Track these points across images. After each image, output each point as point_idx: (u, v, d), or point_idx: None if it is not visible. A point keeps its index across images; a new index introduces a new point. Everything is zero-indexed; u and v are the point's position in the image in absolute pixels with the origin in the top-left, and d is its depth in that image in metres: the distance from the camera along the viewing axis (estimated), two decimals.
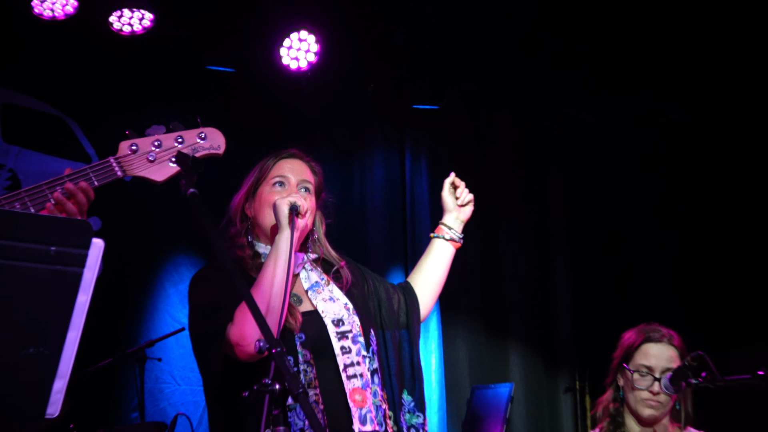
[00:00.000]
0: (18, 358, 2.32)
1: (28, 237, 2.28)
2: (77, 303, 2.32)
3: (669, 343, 3.84)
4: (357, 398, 3.33)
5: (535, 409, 7.17)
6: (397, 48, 6.86)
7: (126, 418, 5.73)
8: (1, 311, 2.27)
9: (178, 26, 6.24)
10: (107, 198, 6.09)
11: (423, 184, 7.21)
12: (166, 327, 6.05)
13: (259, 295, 3.15)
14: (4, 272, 2.24)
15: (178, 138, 2.86)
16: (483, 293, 7.29)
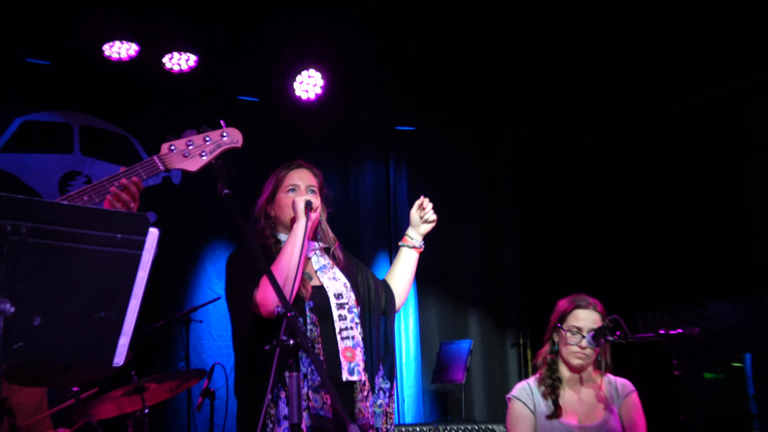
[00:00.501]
0: (92, 320, 2.31)
1: (100, 227, 2.26)
2: (137, 278, 2.30)
3: (594, 309, 3.85)
4: (348, 354, 3.35)
5: (488, 359, 7.18)
6: (384, 83, 6.84)
7: (175, 366, 5.73)
8: (80, 284, 2.25)
9: (215, 65, 6.21)
10: (162, 198, 6.10)
11: (403, 188, 7.22)
12: (205, 296, 6.05)
13: (279, 267, 3.21)
14: (81, 254, 2.21)
15: (206, 137, 2.88)
16: (448, 271, 7.32)
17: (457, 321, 7.19)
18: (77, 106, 6.15)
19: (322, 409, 3.26)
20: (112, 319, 2.26)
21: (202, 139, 2.87)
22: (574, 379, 3.88)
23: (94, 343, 2.26)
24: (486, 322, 7.24)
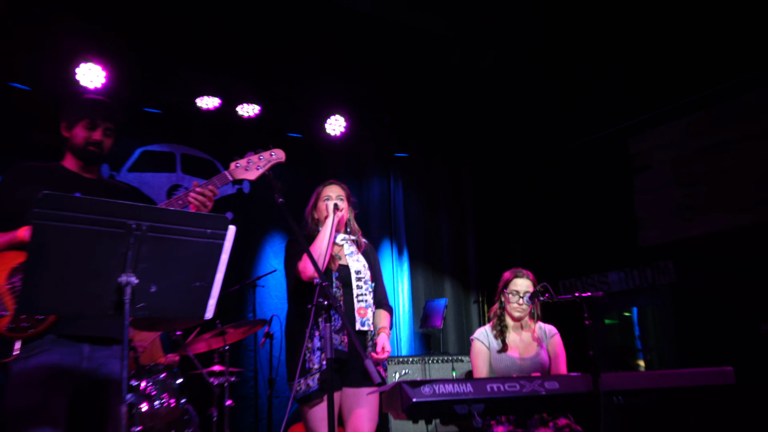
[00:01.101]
0: (191, 288, 2.32)
1: (196, 225, 2.25)
2: (221, 260, 2.30)
3: (527, 278, 3.88)
4: (361, 312, 3.39)
5: (458, 312, 7.15)
6: (386, 124, 6.85)
7: (246, 316, 5.73)
8: (183, 263, 2.25)
9: (273, 112, 6.20)
10: (238, 202, 6.11)
11: (399, 197, 7.19)
12: (265, 269, 6.02)
13: (315, 247, 3.27)
14: (184, 243, 2.22)
15: (260, 156, 2.90)
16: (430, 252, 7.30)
17: (437, 286, 7.17)
18: (178, 140, 6.15)
19: (340, 345, 3.26)
20: (204, 287, 2.27)
21: (257, 157, 2.89)
22: (516, 326, 3.91)
23: (192, 303, 2.27)
24: (456, 287, 7.22)
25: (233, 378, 4.38)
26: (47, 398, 2.44)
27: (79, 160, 2.80)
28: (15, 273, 2.47)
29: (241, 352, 5.83)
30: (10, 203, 2.63)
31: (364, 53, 5.80)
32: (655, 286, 6.20)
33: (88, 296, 2.09)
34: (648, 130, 6.35)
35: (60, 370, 2.50)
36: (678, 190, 6.05)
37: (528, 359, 3.80)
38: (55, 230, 2.00)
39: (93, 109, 2.79)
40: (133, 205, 2.12)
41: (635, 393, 2.98)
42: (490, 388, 2.87)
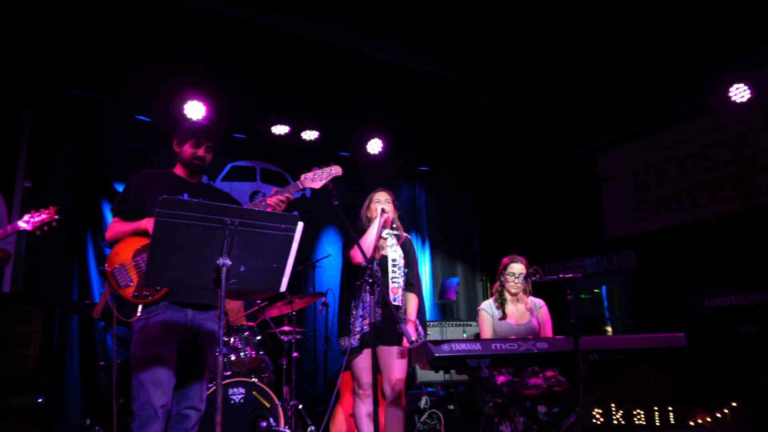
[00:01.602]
0: (270, 268, 2.30)
1: (274, 221, 2.24)
2: (292, 247, 2.29)
3: (521, 263, 3.81)
4: (393, 290, 3.32)
5: (466, 288, 7.10)
6: (412, 145, 6.80)
7: (308, 289, 5.74)
8: (264, 249, 2.23)
9: (329, 138, 6.20)
10: (302, 204, 6.12)
11: (422, 200, 7.16)
12: (321, 254, 6.04)
13: (364, 240, 3.24)
14: (265, 235, 2.21)
15: (323, 170, 2.87)
16: (446, 242, 7.23)
17: (451, 267, 7.12)
18: (258, 157, 6.17)
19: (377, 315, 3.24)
20: (280, 268, 2.26)
21: (321, 171, 2.86)
22: (513, 299, 3.83)
23: (271, 280, 2.26)
24: (465, 268, 7.16)
25: (298, 336, 4.37)
26: (161, 349, 2.46)
27: (186, 169, 2.81)
28: (138, 253, 2.48)
29: (304, 317, 5.85)
30: (134, 200, 2.66)
31: (394, 92, 5.77)
32: (620, 269, 6.10)
33: (195, 274, 2.11)
34: (613, 149, 6.32)
35: (170, 328, 2.52)
36: (635, 195, 6.06)
37: (522, 325, 3.74)
38: (172, 224, 2.02)
39: (198, 131, 2.80)
40: (229, 206, 2.14)
41: (608, 352, 2.91)
42: (494, 346, 2.82)
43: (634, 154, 6.08)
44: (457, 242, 7.24)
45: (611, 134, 6.25)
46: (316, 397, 5.60)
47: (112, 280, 2.44)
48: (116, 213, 2.67)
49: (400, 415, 3.22)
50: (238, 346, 3.90)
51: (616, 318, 6.65)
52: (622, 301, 6.48)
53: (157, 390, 2.39)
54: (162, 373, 2.42)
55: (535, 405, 3.21)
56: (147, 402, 2.37)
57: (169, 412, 2.53)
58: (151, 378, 2.40)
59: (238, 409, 3.52)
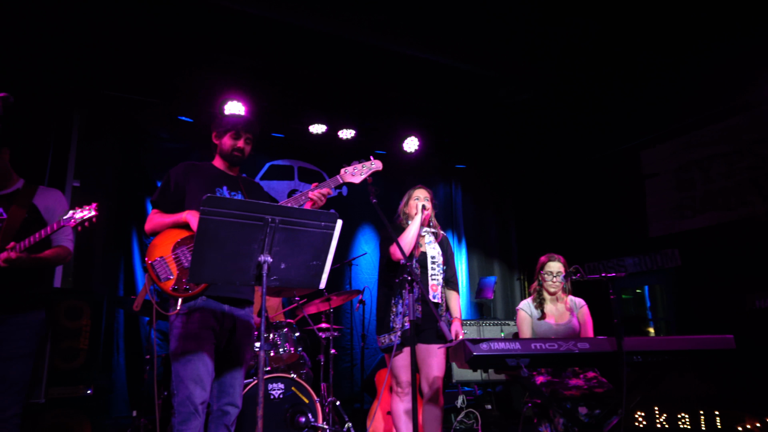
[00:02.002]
0: (310, 265, 2.31)
1: (314, 219, 2.25)
2: (331, 244, 2.30)
3: (559, 261, 3.72)
4: (433, 287, 3.32)
5: (504, 287, 7.03)
6: (448, 142, 6.77)
7: (344, 288, 5.77)
8: (304, 247, 2.25)
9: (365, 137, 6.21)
10: (339, 202, 6.16)
11: (458, 198, 7.12)
12: (358, 252, 6.07)
13: (404, 237, 3.23)
14: (305, 232, 2.22)
15: (363, 165, 2.83)
16: (482, 241, 7.17)
17: (488, 266, 7.06)
18: (296, 156, 6.25)
19: (417, 312, 3.22)
20: (319, 265, 2.28)
21: (361, 165, 2.83)
22: (552, 298, 3.75)
23: (311, 277, 2.28)
24: (502, 267, 7.09)
25: (335, 333, 4.40)
26: (200, 345, 2.45)
27: (226, 161, 2.80)
28: (178, 246, 2.49)
29: (341, 314, 5.89)
30: (174, 191, 2.66)
31: (431, 90, 5.75)
32: (663, 269, 5.93)
33: (237, 270, 2.14)
34: (656, 146, 6.13)
35: (208, 323, 2.51)
36: (679, 193, 5.88)
37: (562, 325, 3.66)
38: (215, 222, 2.06)
39: (237, 122, 2.77)
40: (270, 204, 2.16)
41: (652, 353, 2.82)
42: (534, 346, 2.78)
43: (678, 151, 5.89)
44: (494, 240, 7.17)
45: (654, 130, 6.07)
46: (353, 394, 5.63)
47: (152, 272, 2.46)
48: (156, 204, 2.67)
49: (438, 413, 3.20)
50: (277, 342, 3.94)
51: (659, 319, 6.47)
52: (665, 302, 6.29)
53: (197, 386, 2.41)
54: (201, 369, 2.43)
55: (576, 406, 3.14)
56: (187, 398, 2.39)
57: (209, 407, 2.56)
58: (191, 374, 2.41)
59: (278, 405, 3.57)
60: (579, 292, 3.88)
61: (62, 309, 3.93)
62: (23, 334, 2.64)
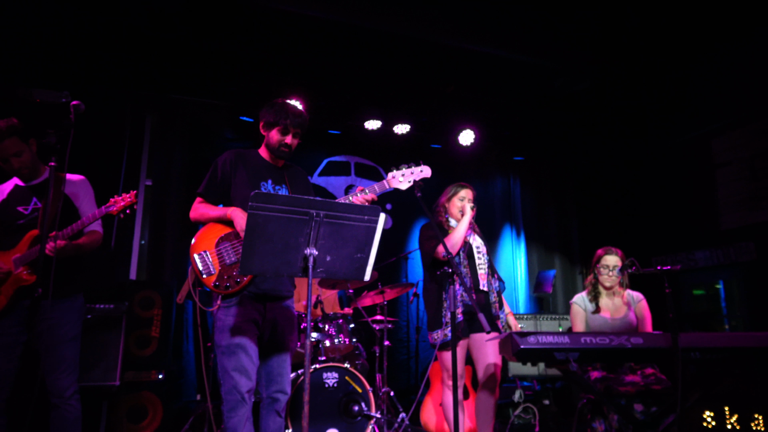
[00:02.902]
0: (355, 258, 2.36)
1: (357, 213, 2.31)
2: (375, 238, 2.35)
3: (616, 255, 3.60)
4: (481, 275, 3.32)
5: (565, 280, 6.84)
6: (505, 136, 6.66)
7: (400, 281, 5.83)
8: (349, 240, 2.30)
9: (420, 131, 6.21)
10: (397, 196, 6.22)
11: (516, 192, 6.98)
12: (414, 246, 6.07)
13: (453, 237, 3.26)
14: (349, 226, 2.28)
15: (412, 170, 2.77)
16: (541, 234, 7.01)
17: (547, 259, 6.89)
18: (352, 152, 6.33)
19: (469, 301, 3.20)
20: (364, 258, 2.33)
21: (410, 171, 2.76)
22: (608, 292, 3.65)
23: (355, 269, 2.33)
24: (563, 261, 6.90)
25: (389, 325, 4.46)
26: (242, 337, 2.53)
27: (271, 153, 2.76)
28: (221, 241, 2.53)
29: (398, 307, 5.95)
30: (220, 181, 2.67)
31: (486, 83, 5.69)
32: (736, 263, 5.59)
33: (285, 262, 2.23)
34: (728, 133, 5.75)
35: (249, 317, 2.58)
36: (753, 182, 5.50)
37: (618, 319, 3.56)
38: (263, 217, 2.16)
39: (286, 117, 2.68)
40: (314, 199, 2.24)
41: (712, 350, 2.70)
42: (584, 340, 2.73)
43: (752, 138, 5.52)
44: (554, 234, 7.00)
45: (726, 117, 5.71)
46: (409, 386, 5.69)
47: (195, 266, 2.51)
48: (201, 194, 2.67)
49: (491, 402, 3.18)
50: (332, 333, 4.06)
51: (735, 316, 6.10)
52: (740, 298, 5.94)
53: (242, 376, 2.49)
54: (245, 359, 2.51)
55: (631, 403, 3.06)
56: (234, 388, 2.48)
57: (259, 395, 2.66)
58: (236, 365, 2.50)
59: (332, 393, 3.68)
60: (642, 288, 3.74)
61: (136, 299, 4.21)
62: (70, 318, 2.79)
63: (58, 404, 2.71)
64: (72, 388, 2.75)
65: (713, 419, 4.61)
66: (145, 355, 4.11)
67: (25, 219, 2.78)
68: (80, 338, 2.85)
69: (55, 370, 2.71)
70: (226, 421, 2.50)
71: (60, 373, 2.72)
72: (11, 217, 2.79)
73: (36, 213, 2.80)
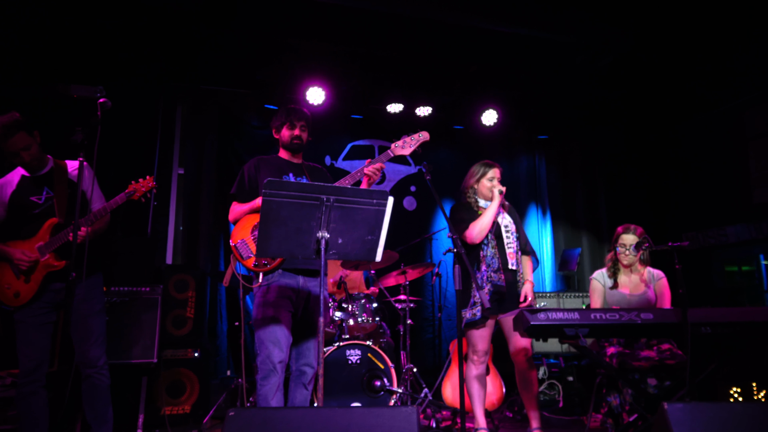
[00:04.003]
0: (365, 240, 2.46)
1: (366, 197, 2.41)
2: (384, 220, 2.44)
3: (634, 233, 3.61)
4: (510, 255, 3.38)
5: (592, 258, 6.78)
6: (531, 115, 6.61)
7: (423, 260, 5.91)
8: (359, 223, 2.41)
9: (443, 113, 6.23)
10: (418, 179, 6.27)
11: (542, 170, 6.90)
12: (438, 227, 6.15)
13: (480, 222, 3.34)
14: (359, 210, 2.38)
15: (412, 137, 2.96)
16: (567, 211, 6.94)
17: (574, 237, 6.82)
18: (375, 136, 6.38)
19: (498, 281, 3.31)
20: (374, 240, 2.44)
21: (410, 138, 2.96)
22: (627, 270, 3.67)
23: (366, 251, 2.44)
24: (590, 238, 6.82)
25: (412, 305, 4.58)
26: (277, 311, 2.79)
27: (288, 151, 3.09)
28: (255, 228, 2.81)
29: (422, 286, 6.04)
30: (248, 184, 3.00)
31: (509, 61, 5.65)
32: None
33: (299, 245, 2.37)
34: (762, 104, 5.59)
35: (285, 293, 2.85)
36: None
37: (636, 296, 3.58)
38: (277, 203, 2.30)
39: (289, 114, 3.05)
40: (324, 185, 2.36)
41: (722, 325, 2.73)
42: (593, 316, 2.79)
43: None
44: (581, 211, 6.94)
45: (759, 88, 5.53)
46: (435, 364, 5.80)
47: (236, 252, 2.83)
48: (234, 197, 2.98)
49: (533, 376, 3.32)
50: (356, 312, 4.21)
51: None
52: None
53: (275, 347, 2.74)
54: (279, 332, 2.76)
55: (645, 377, 3.11)
56: (267, 357, 2.73)
57: (289, 368, 2.87)
58: (270, 336, 2.75)
59: (355, 369, 3.84)
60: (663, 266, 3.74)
61: (172, 282, 4.46)
62: (95, 294, 3.01)
63: (91, 374, 2.92)
64: (102, 358, 2.96)
65: (740, 395, 4.59)
66: (181, 334, 4.35)
67: (40, 208, 2.91)
68: (105, 312, 3.07)
69: (87, 341, 2.91)
70: (258, 388, 2.74)
71: (91, 344, 2.92)
72: (26, 208, 2.95)
73: (50, 202, 2.92)
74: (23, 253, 2.83)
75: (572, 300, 5.33)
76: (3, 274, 2.88)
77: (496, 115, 6.22)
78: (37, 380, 2.82)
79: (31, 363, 2.81)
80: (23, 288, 2.85)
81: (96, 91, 2.57)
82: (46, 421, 2.83)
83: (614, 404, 3.24)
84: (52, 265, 2.89)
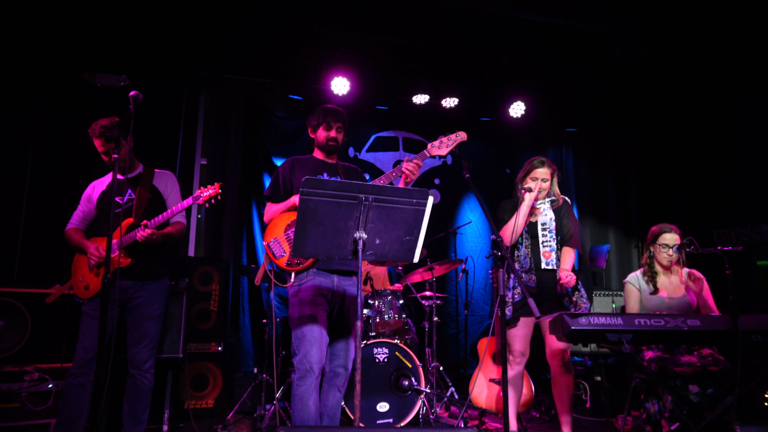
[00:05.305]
0: (403, 240, 2.40)
1: (405, 196, 2.33)
2: (423, 220, 2.37)
3: (674, 232, 3.48)
4: (545, 255, 3.31)
5: (620, 255, 6.66)
6: (560, 107, 6.46)
7: (449, 257, 5.85)
8: (397, 223, 2.35)
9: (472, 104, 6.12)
10: (444, 171, 6.18)
11: (570, 163, 6.74)
12: (463, 221, 6.08)
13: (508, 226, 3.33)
14: (398, 209, 2.31)
15: (449, 137, 2.93)
16: (596, 206, 6.81)
17: (602, 233, 6.69)
18: (400, 127, 6.32)
19: (530, 282, 3.25)
20: (412, 240, 2.38)
21: (447, 138, 2.93)
22: (665, 271, 3.56)
23: (404, 251, 2.38)
24: (618, 235, 6.70)
25: (438, 301, 4.51)
26: (314, 310, 2.75)
27: (323, 152, 3.08)
28: (288, 227, 2.79)
29: (447, 282, 5.99)
30: (283, 184, 2.98)
31: (543, 52, 5.52)
32: None
33: (336, 245, 2.31)
34: None
35: (320, 292, 2.82)
36: None
37: (676, 299, 3.47)
38: (314, 202, 2.23)
39: (326, 115, 3.02)
40: (363, 183, 2.29)
41: None
42: (638, 322, 2.69)
43: None
44: (609, 206, 6.80)
45: None
46: (458, 360, 5.76)
47: (269, 251, 2.79)
48: (269, 198, 2.97)
49: (569, 381, 3.26)
50: (382, 309, 4.15)
51: None
52: None
53: (313, 347, 2.70)
54: (316, 331, 2.72)
55: (686, 384, 3.00)
56: (305, 357, 2.69)
57: (323, 369, 2.82)
58: (308, 336, 2.71)
59: (383, 367, 3.78)
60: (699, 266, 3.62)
61: (196, 275, 4.43)
62: (156, 299, 3.08)
63: (135, 375, 3.00)
64: (150, 362, 3.02)
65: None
66: (205, 328, 4.33)
67: (121, 208, 3.04)
68: (163, 317, 3.14)
69: (139, 344, 3.00)
70: (294, 388, 2.72)
71: (143, 347, 3.00)
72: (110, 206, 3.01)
73: (130, 203, 3.06)
74: (97, 249, 2.98)
75: (601, 298, 5.21)
76: (80, 267, 3.06)
77: (524, 107, 6.09)
78: (87, 373, 2.88)
79: (87, 355, 2.88)
80: (93, 281, 2.99)
81: (120, 79, 2.57)
82: (85, 419, 2.87)
83: (653, 411, 3.14)
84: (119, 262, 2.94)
